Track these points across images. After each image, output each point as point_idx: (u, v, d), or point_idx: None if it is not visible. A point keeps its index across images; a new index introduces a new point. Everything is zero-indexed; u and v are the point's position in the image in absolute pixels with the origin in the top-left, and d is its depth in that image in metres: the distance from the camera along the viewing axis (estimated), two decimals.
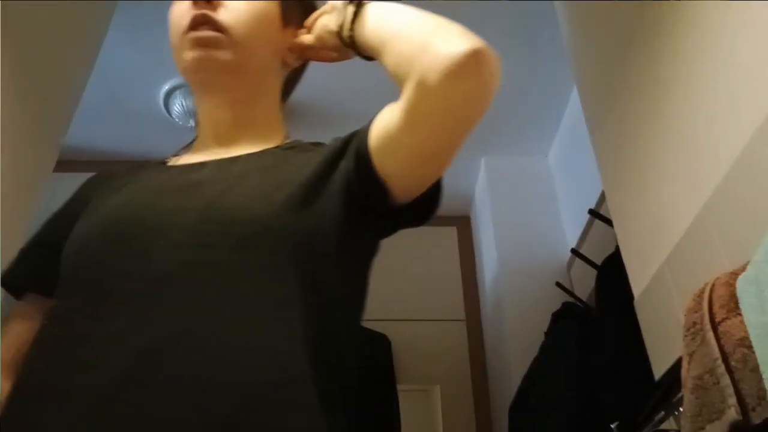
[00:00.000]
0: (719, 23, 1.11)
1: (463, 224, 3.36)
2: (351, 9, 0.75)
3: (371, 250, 0.76)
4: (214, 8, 0.78)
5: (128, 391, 0.55)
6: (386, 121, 0.69)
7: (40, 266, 0.76)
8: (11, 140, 1.42)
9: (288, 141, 0.84)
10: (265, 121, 0.84)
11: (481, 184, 3.15)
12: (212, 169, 0.74)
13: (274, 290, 0.63)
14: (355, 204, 0.70)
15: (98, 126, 2.70)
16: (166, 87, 2.59)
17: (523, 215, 2.91)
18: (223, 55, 0.78)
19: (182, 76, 0.86)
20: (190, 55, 0.79)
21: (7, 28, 1.42)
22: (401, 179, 0.70)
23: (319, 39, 0.82)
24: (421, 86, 0.64)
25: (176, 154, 0.86)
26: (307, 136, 0.85)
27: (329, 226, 0.68)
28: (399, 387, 2.66)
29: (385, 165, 0.69)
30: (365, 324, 3.15)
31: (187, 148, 0.87)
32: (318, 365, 0.61)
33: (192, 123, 2.69)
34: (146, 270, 0.62)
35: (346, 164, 0.71)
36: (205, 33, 0.77)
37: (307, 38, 0.83)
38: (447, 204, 0.72)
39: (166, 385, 0.56)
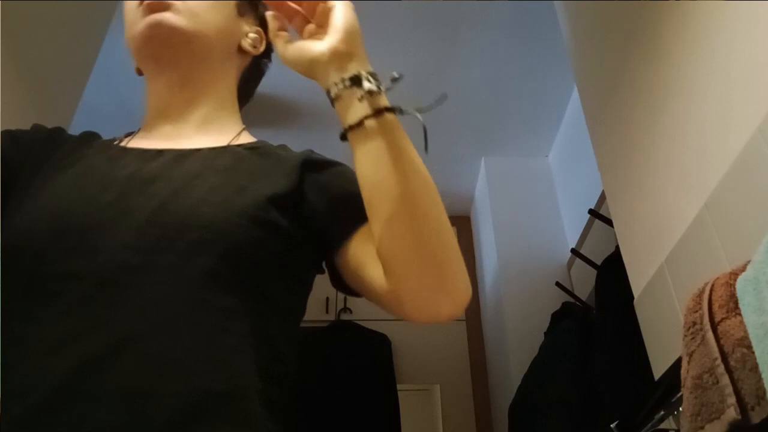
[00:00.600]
0: (719, 23, 1.11)
1: (464, 224, 3.37)
2: (366, 96, 0.63)
3: (318, 268, 0.76)
4: None
5: (69, 401, 0.53)
6: (369, 266, 0.66)
7: None
8: None
9: (250, 140, 0.81)
10: (219, 108, 0.82)
11: (481, 184, 3.16)
12: (167, 162, 0.72)
13: (221, 300, 0.61)
14: (312, 242, 0.71)
15: (98, 126, 2.70)
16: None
17: (523, 215, 2.91)
18: (175, 19, 0.76)
19: (135, 56, 0.83)
20: (141, 23, 0.77)
21: (7, 28, 1.42)
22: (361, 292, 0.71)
23: (293, 63, 0.68)
24: (419, 311, 0.64)
25: (126, 135, 0.83)
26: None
27: (281, 243, 0.67)
28: (399, 387, 2.66)
29: (351, 281, 0.71)
30: (365, 324, 3.15)
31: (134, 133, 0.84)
32: (263, 377, 0.61)
33: None
34: (91, 271, 0.60)
35: (314, 210, 0.70)
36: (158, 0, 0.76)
37: (279, 46, 0.69)
38: (447, 204, 0.72)
39: (109, 396, 0.53)
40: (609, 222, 1.80)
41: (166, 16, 0.76)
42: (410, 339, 2.86)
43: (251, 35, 0.87)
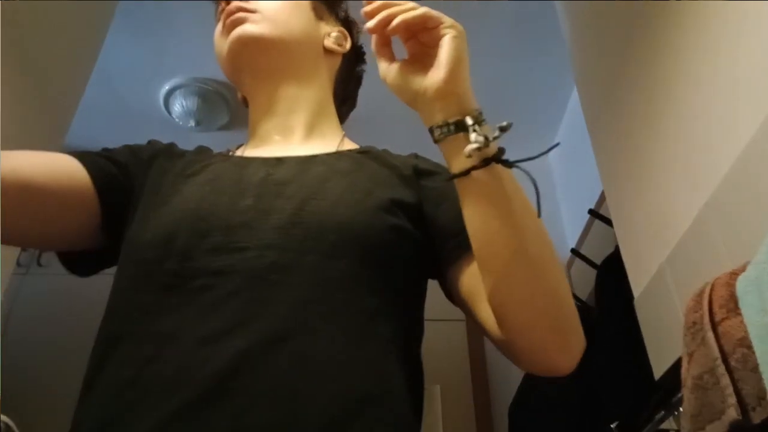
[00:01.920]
0: (720, 22, 1.11)
1: None
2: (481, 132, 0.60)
3: (432, 275, 0.76)
4: None
5: (223, 397, 0.53)
6: (483, 303, 0.65)
7: (104, 165, 0.73)
8: (12, 140, 1.42)
9: (353, 145, 0.83)
10: (318, 113, 0.84)
11: None
12: (293, 167, 0.73)
13: (364, 301, 0.61)
14: (429, 250, 0.72)
15: (99, 126, 2.70)
16: (166, 87, 2.59)
17: None
18: (255, 28, 0.79)
19: (230, 77, 0.85)
20: (226, 44, 0.80)
21: (7, 28, 1.42)
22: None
23: (395, 90, 0.65)
24: (534, 365, 0.64)
25: (231, 149, 0.85)
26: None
27: (409, 247, 0.68)
28: None
29: (459, 303, 0.71)
30: None
31: (241, 147, 0.85)
32: (407, 379, 0.62)
33: (192, 123, 2.68)
34: (239, 268, 0.60)
35: (433, 221, 0.72)
36: (235, 15, 0.79)
37: (382, 66, 0.66)
38: None
39: (263, 394, 0.54)
40: (609, 222, 1.80)
41: (246, 28, 0.79)
42: None
43: (333, 34, 0.89)
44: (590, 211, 2.22)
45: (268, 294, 0.59)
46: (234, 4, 0.80)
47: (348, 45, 0.91)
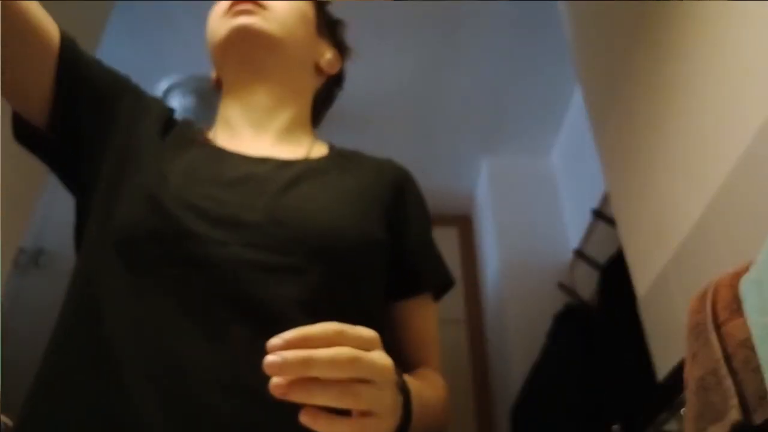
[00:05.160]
0: (723, 22, 1.10)
1: (465, 224, 3.36)
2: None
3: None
4: None
5: (232, 396, 0.54)
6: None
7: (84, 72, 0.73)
8: (11, 140, 1.41)
9: (325, 151, 0.83)
10: (296, 120, 0.84)
11: (482, 183, 3.15)
12: (275, 168, 0.73)
13: (338, 309, 0.60)
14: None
15: None
16: (164, 85, 2.59)
17: (525, 215, 2.90)
18: (263, 24, 0.79)
19: (217, 59, 0.84)
20: (229, 24, 0.79)
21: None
22: None
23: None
24: None
25: (202, 132, 0.83)
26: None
27: (383, 257, 0.70)
28: None
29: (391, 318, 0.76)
30: None
31: (211, 131, 0.84)
32: None
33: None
34: (217, 263, 0.60)
35: (399, 243, 0.74)
36: (247, 5, 0.79)
37: None
38: (448, 204, 0.72)
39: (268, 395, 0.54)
40: (612, 222, 1.80)
41: (254, 20, 0.79)
42: None
43: (328, 56, 0.90)
44: (593, 211, 2.21)
45: (247, 294, 0.59)
46: None
47: (337, 69, 0.93)
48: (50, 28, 0.71)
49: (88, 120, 0.73)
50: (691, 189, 1.18)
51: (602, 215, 2.11)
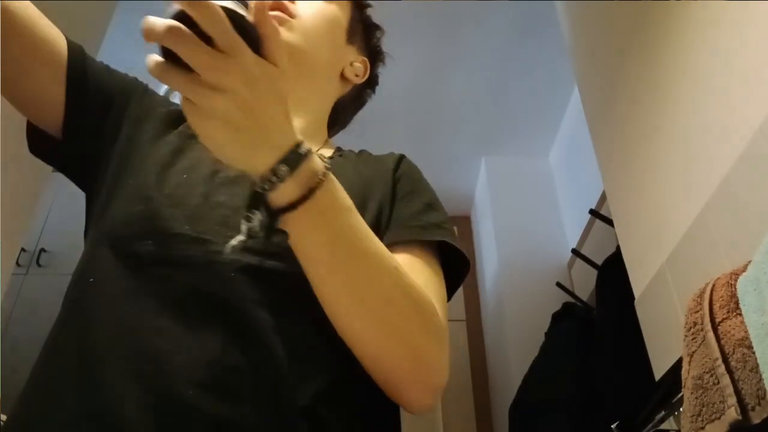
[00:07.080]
0: (720, 23, 1.11)
1: (464, 224, 3.36)
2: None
3: None
4: None
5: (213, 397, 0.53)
6: None
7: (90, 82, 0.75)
8: (11, 140, 1.41)
9: (333, 152, 0.82)
10: (309, 127, 0.82)
11: (481, 183, 3.15)
12: None
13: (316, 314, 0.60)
14: None
15: None
16: (165, 86, 2.58)
17: (524, 215, 2.90)
18: (291, 36, 0.77)
19: None
20: None
21: None
22: None
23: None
24: (399, 399, 0.66)
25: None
26: None
27: None
28: None
29: None
30: None
31: None
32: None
33: None
34: (205, 263, 0.60)
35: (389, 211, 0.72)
36: (277, 13, 0.77)
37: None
38: (447, 204, 0.72)
39: (244, 393, 0.54)
40: (610, 222, 1.80)
41: (282, 34, 0.78)
42: None
43: (356, 64, 0.88)
44: (591, 211, 2.22)
45: (231, 294, 0.59)
46: (277, 3, 0.78)
47: (365, 77, 0.90)
48: (57, 39, 0.72)
49: (98, 127, 0.74)
50: (688, 189, 1.19)
51: (600, 215, 2.11)
